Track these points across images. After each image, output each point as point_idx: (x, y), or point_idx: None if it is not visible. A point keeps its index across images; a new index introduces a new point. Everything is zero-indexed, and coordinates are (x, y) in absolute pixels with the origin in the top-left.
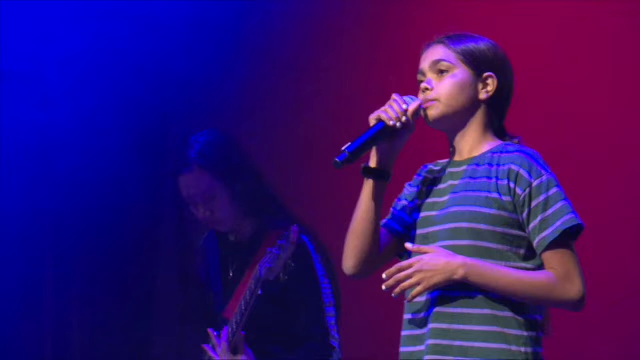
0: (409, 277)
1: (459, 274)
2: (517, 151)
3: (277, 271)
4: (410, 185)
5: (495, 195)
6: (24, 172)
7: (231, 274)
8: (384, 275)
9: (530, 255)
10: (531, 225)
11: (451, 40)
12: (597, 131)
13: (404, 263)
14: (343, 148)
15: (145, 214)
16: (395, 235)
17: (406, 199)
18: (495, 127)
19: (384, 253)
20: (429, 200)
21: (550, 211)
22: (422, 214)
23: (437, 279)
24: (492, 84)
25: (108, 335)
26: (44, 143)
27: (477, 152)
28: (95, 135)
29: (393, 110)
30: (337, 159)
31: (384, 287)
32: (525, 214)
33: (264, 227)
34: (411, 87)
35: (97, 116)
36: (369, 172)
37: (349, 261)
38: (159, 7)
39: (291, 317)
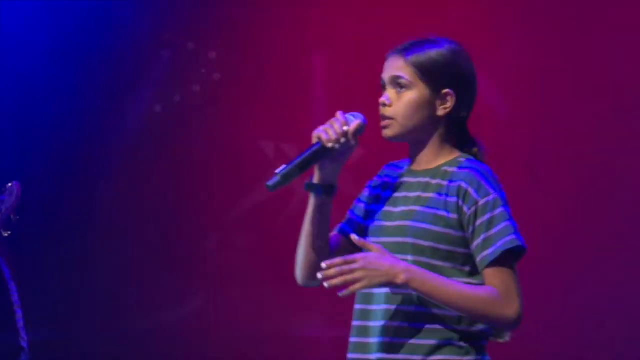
0: (352, 271)
1: (401, 278)
2: (468, 168)
3: None
4: (370, 186)
5: (443, 212)
6: None
7: None
8: (323, 265)
9: (475, 272)
10: (474, 243)
11: (411, 52)
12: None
13: (349, 257)
14: (276, 171)
15: None
16: (349, 240)
17: (365, 202)
18: (455, 138)
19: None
20: (385, 208)
21: (493, 230)
22: (376, 223)
23: (378, 280)
24: (450, 101)
25: None
26: None
27: (433, 165)
28: None
29: (333, 131)
30: (268, 183)
31: (319, 276)
32: (470, 232)
33: None
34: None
35: None
36: (311, 188)
37: (300, 273)
38: None
39: None
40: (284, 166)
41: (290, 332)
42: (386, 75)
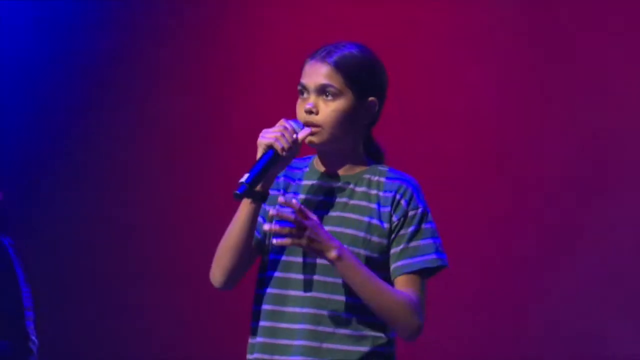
0: (301, 226)
1: (333, 254)
2: (399, 180)
3: None
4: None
5: (376, 222)
6: None
7: None
8: (281, 199)
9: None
10: (392, 250)
11: (335, 58)
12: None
13: (306, 211)
14: (241, 180)
15: None
16: (255, 242)
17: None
18: (365, 144)
19: (248, 262)
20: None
21: (415, 243)
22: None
23: (315, 245)
24: (373, 108)
25: None
26: None
27: (351, 172)
28: None
29: (285, 140)
30: (237, 192)
31: (271, 212)
32: (392, 238)
33: None
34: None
35: None
36: (251, 194)
37: (221, 277)
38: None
39: None
40: (247, 175)
41: None
42: (310, 81)
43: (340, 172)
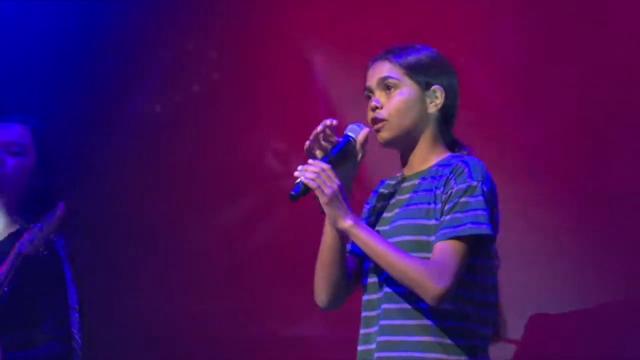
0: (328, 178)
1: (348, 222)
2: (457, 161)
3: (38, 246)
4: (367, 203)
5: (433, 205)
6: None
7: None
8: (310, 160)
9: None
10: (439, 221)
11: (395, 55)
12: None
13: (331, 176)
14: (298, 180)
15: None
16: (359, 258)
17: (365, 218)
18: (446, 137)
19: (353, 279)
20: (383, 215)
21: (452, 216)
22: (375, 229)
23: (335, 206)
24: (440, 97)
25: None
26: None
27: (426, 166)
28: None
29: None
30: (292, 192)
31: (299, 169)
32: (439, 214)
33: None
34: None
35: None
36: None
37: (322, 295)
38: None
39: (37, 315)
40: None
41: (291, 332)
42: (372, 80)
43: (415, 168)
